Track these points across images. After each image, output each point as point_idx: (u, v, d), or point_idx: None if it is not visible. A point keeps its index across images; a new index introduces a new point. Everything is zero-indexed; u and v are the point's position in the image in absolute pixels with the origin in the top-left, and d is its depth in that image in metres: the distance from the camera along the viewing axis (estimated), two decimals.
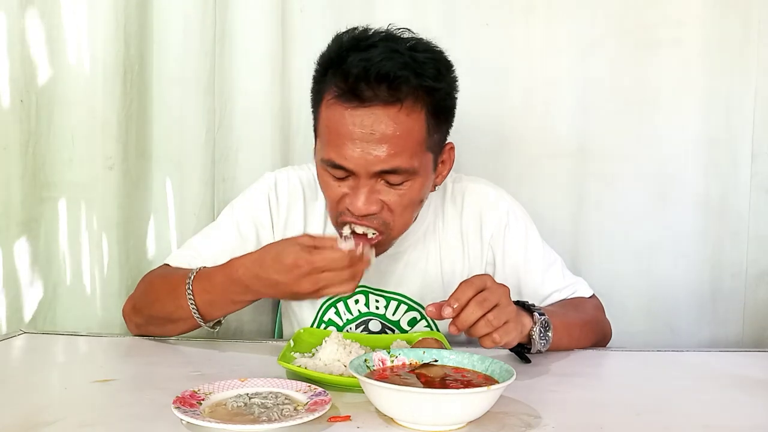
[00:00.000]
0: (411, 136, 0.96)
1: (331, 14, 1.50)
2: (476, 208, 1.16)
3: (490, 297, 0.88)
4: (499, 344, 0.90)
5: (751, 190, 1.53)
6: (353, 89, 0.93)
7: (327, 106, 0.99)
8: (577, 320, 1.10)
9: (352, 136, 0.94)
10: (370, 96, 0.93)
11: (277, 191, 1.16)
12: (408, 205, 1.01)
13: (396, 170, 0.96)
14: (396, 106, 0.94)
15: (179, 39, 1.46)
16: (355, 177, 0.98)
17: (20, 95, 1.36)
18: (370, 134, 0.94)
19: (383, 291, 1.15)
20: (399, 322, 1.16)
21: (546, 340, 0.99)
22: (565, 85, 1.53)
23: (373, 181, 0.97)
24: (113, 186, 1.42)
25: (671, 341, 1.53)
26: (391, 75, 0.92)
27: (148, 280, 1.14)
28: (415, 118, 0.96)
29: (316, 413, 0.72)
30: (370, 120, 0.94)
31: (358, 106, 0.94)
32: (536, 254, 1.17)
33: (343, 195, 1.00)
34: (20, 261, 1.38)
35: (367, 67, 0.92)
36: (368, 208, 0.97)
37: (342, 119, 0.95)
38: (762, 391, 0.91)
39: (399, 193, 0.99)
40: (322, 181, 1.04)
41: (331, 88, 0.98)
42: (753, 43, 1.50)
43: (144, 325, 1.11)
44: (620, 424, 0.76)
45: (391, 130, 0.94)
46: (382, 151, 0.94)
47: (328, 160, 0.98)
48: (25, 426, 0.72)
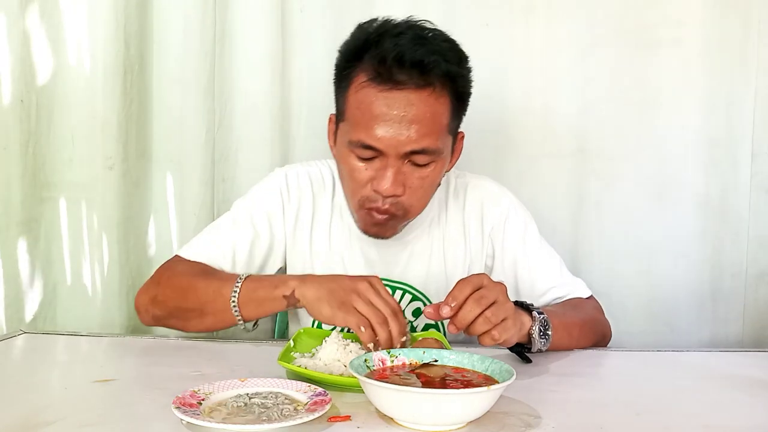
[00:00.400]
0: (438, 119, 1.00)
1: (331, 14, 1.50)
2: (478, 203, 1.19)
3: (487, 294, 0.89)
4: (498, 341, 0.90)
5: (751, 190, 1.53)
6: (388, 73, 0.97)
7: (357, 89, 1.01)
8: (576, 320, 1.10)
9: (384, 118, 0.98)
10: (403, 79, 0.97)
11: (288, 185, 1.18)
12: (429, 187, 1.06)
13: (424, 150, 1.00)
14: (427, 89, 0.98)
15: (179, 39, 1.46)
16: (382, 159, 1.01)
17: (20, 95, 1.36)
18: (402, 116, 0.97)
19: (389, 280, 1.16)
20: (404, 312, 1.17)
21: (546, 339, 0.99)
22: (565, 85, 1.53)
23: (400, 162, 1.01)
24: (113, 186, 1.42)
25: (671, 341, 1.53)
26: (425, 61, 0.97)
27: (175, 273, 1.12)
28: (442, 101, 1.00)
29: (316, 413, 0.72)
30: (403, 102, 0.97)
31: (391, 89, 0.97)
32: (534, 249, 1.19)
33: (369, 178, 1.03)
34: (20, 261, 1.38)
35: (402, 52, 0.96)
36: (395, 189, 1.01)
37: (375, 101, 0.98)
38: (762, 391, 0.91)
39: (422, 175, 1.03)
40: (347, 166, 1.05)
41: (362, 72, 1.00)
42: (753, 43, 1.50)
43: (164, 317, 1.10)
44: (620, 424, 0.76)
45: (421, 111, 0.98)
46: (413, 131, 0.98)
47: (358, 141, 1.00)
48: (25, 426, 0.72)
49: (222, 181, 1.51)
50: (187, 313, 1.07)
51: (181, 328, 1.11)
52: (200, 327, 1.09)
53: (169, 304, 1.09)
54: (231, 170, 1.52)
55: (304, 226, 1.18)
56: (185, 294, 1.07)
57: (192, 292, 1.06)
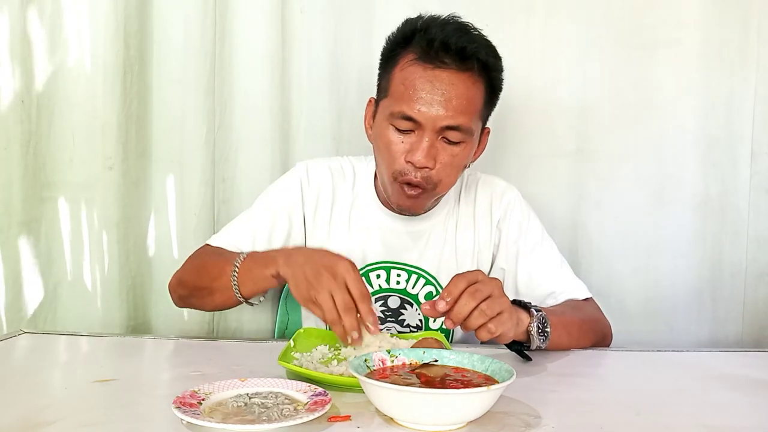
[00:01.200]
0: (473, 101, 1.09)
1: (331, 14, 1.50)
2: (487, 196, 1.27)
3: (482, 288, 0.91)
4: (495, 334, 0.91)
5: (750, 190, 1.53)
6: (435, 54, 1.06)
7: (404, 67, 1.09)
8: (575, 319, 1.11)
9: (427, 93, 1.07)
10: (447, 62, 1.06)
11: (309, 175, 1.25)
12: (457, 166, 1.12)
13: (459, 127, 1.08)
14: (466, 73, 1.08)
15: (179, 39, 1.46)
16: (419, 132, 1.08)
17: (21, 95, 1.36)
18: (443, 93, 1.06)
19: (405, 264, 1.23)
20: (417, 296, 1.23)
21: (545, 336, 1.00)
22: (565, 85, 1.53)
23: (434, 136, 1.08)
24: (113, 186, 1.42)
25: (670, 341, 1.53)
26: (468, 48, 1.07)
27: (197, 255, 1.21)
28: (478, 86, 1.10)
29: (316, 413, 0.72)
30: (445, 81, 1.07)
31: (435, 68, 1.07)
32: (535, 243, 1.24)
33: (404, 151, 1.09)
34: (21, 261, 1.38)
35: (448, 37, 1.06)
36: (428, 161, 1.08)
37: (420, 78, 1.07)
38: (761, 391, 0.91)
39: (453, 153, 1.10)
40: (385, 139, 1.11)
41: (410, 53, 1.09)
42: (752, 43, 1.50)
43: (187, 297, 1.18)
44: (620, 424, 0.76)
45: (460, 91, 1.07)
46: (451, 108, 1.06)
47: (399, 112, 1.08)
48: (25, 426, 0.72)
49: (222, 181, 1.51)
50: (201, 291, 1.13)
51: (200, 306, 1.20)
52: (213, 305, 1.15)
53: (189, 284, 1.17)
54: (231, 170, 1.52)
55: (324, 213, 1.24)
56: (199, 273, 1.15)
57: (204, 271, 1.14)
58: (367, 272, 1.23)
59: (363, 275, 1.21)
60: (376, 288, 1.23)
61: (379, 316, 1.19)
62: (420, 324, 1.22)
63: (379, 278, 1.23)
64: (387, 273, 1.23)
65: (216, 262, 1.12)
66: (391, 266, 1.23)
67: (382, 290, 1.23)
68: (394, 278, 1.23)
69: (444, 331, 1.21)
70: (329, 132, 1.53)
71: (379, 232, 1.23)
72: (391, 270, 1.23)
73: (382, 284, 1.23)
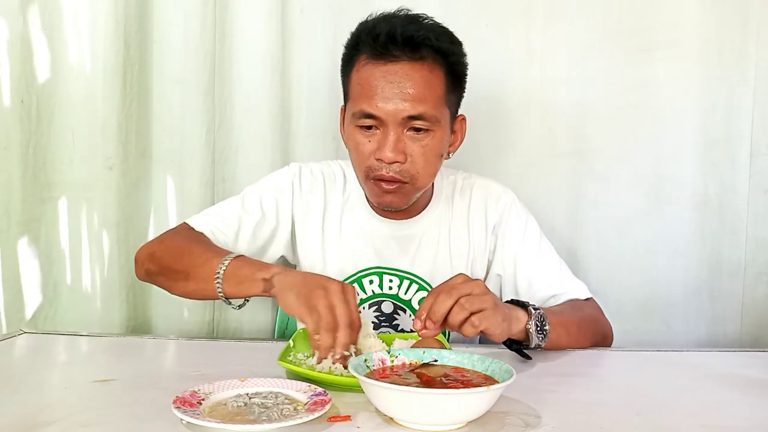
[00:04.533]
0: (433, 88, 1.08)
1: (331, 14, 1.50)
2: (482, 201, 1.25)
3: (460, 288, 0.91)
4: (479, 329, 0.90)
5: (749, 190, 1.53)
6: (383, 48, 1.06)
7: (359, 69, 1.10)
8: (574, 319, 1.11)
9: (383, 88, 1.06)
10: (398, 54, 1.06)
11: (301, 178, 1.24)
12: (429, 157, 1.10)
13: (421, 116, 1.06)
14: (420, 62, 1.06)
15: (179, 39, 1.46)
16: (384, 129, 1.08)
17: (20, 95, 1.36)
18: (398, 85, 1.06)
19: (397, 270, 1.21)
20: (410, 302, 1.21)
21: (543, 334, 0.99)
22: (564, 85, 1.53)
23: (399, 130, 1.07)
24: (113, 186, 1.42)
25: (669, 340, 1.53)
26: (415, 36, 1.05)
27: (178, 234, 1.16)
28: (436, 74, 1.08)
29: (316, 413, 0.72)
30: (398, 74, 1.06)
31: (388, 62, 1.06)
32: (533, 247, 1.23)
33: (372, 150, 1.09)
34: (20, 261, 1.38)
35: (393, 29, 1.05)
36: (396, 155, 1.07)
37: (373, 75, 1.07)
38: (760, 391, 0.91)
39: (422, 144, 1.09)
40: (353, 141, 1.11)
41: (362, 55, 1.09)
42: (751, 44, 1.50)
43: (155, 274, 1.14)
44: (620, 424, 0.76)
45: (416, 81, 1.06)
46: (409, 98, 1.06)
47: (360, 111, 1.08)
48: (25, 426, 0.72)
49: (222, 181, 1.51)
50: (175, 274, 1.09)
51: (167, 287, 1.13)
52: (183, 290, 1.10)
53: (163, 262, 1.12)
54: (231, 170, 1.52)
55: (315, 218, 1.23)
56: (180, 256, 1.10)
57: (186, 255, 1.09)
58: (360, 278, 1.21)
59: (356, 281, 1.21)
60: (369, 294, 1.21)
61: (373, 321, 1.19)
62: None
63: (372, 284, 1.21)
64: (379, 278, 1.22)
65: (202, 251, 1.08)
66: (383, 272, 1.22)
67: (375, 296, 1.22)
68: (387, 284, 1.22)
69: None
70: (329, 132, 1.53)
71: (371, 238, 1.21)
72: (383, 275, 1.22)
73: (375, 290, 1.22)
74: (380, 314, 1.22)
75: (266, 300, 1.48)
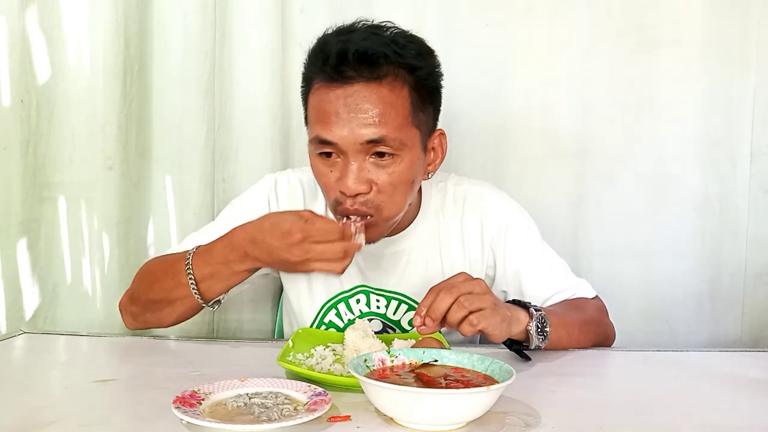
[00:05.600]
0: (395, 109, 0.98)
1: (331, 14, 1.50)
2: (477, 212, 1.17)
3: (460, 286, 0.91)
4: (477, 327, 0.90)
5: (750, 190, 1.53)
6: (334, 71, 0.96)
7: (314, 92, 1.01)
8: (576, 320, 1.09)
9: (337, 113, 0.97)
10: (352, 75, 0.96)
11: (277, 192, 1.17)
12: (398, 185, 1.01)
13: (382, 139, 0.97)
14: (377, 82, 0.97)
15: (179, 39, 1.46)
16: (344, 157, 0.99)
17: (20, 95, 1.36)
18: (355, 108, 0.96)
19: (384, 290, 1.16)
20: (399, 322, 1.17)
21: (544, 335, 0.99)
22: (565, 85, 1.53)
23: (361, 158, 0.98)
24: (113, 186, 1.42)
25: (670, 340, 1.53)
26: (370, 52, 0.95)
27: (145, 268, 1.14)
28: (397, 93, 0.98)
29: (316, 413, 0.72)
30: (353, 97, 0.96)
31: (341, 85, 0.97)
32: (536, 256, 1.17)
33: (335, 180, 1.00)
34: (20, 261, 1.38)
35: (346, 48, 0.96)
36: (358, 187, 0.98)
37: (327, 98, 0.98)
38: (761, 391, 0.91)
39: (388, 172, 0.99)
40: (316, 170, 1.04)
41: (317, 76, 1.00)
42: (752, 43, 1.50)
43: (140, 314, 1.10)
44: (620, 424, 0.76)
45: (373, 103, 0.96)
46: (367, 122, 0.96)
47: (316, 137, 1.00)
48: (25, 426, 0.72)
49: (222, 181, 1.51)
50: (157, 304, 1.07)
51: (157, 323, 1.10)
52: (173, 317, 1.07)
53: (141, 298, 1.09)
54: (231, 170, 1.52)
55: None
56: (151, 285, 1.08)
57: (156, 281, 1.07)
58: (346, 298, 1.16)
59: (342, 300, 1.16)
60: (357, 313, 1.16)
61: None
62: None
63: (359, 303, 1.16)
64: (367, 297, 1.16)
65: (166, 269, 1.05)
66: (370, 291, 1.16)
67: (363, 314, 1.16)
68: (374, 303, 1.16)
69: None
70: None
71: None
72: (370, 294, 1.16)
73: (362, 309, 1.16)
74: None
75: (266, 300, 1.48)
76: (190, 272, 1.00)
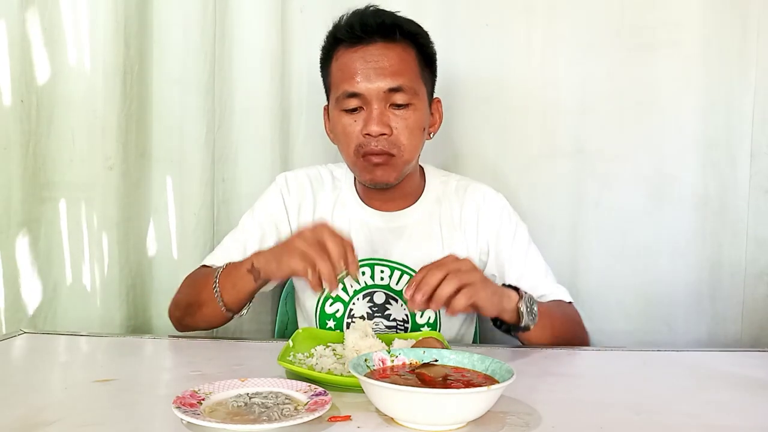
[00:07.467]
0: (408, 64, 1.16)
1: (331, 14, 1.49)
2: (475, 203, 1.28)
3: (449, 264, 0.97)
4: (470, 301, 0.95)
5: (750, 190, 1.52)
6: (359, 34, 1.14)
7: (337, 58, 1.17)
8: (558, 314, 1.16)
9: (362, 68, 1.14)
10: (372, 38, 1.14)
11: (288, 185, 1.29)
12: (413, 129, 1.17)
13: (400, 87, 1.14)
14: (392, 44, 1.15)
15: (179, 39, 1.46)
16: (367, 107, 1.15)
17: (20, 95, 1.36)
18: (376, 62, 1.13)
19: (388, 261, 1.24)
20: (401, 292, 1.23)
21: (533, 315, 1.05)
22: (565, 85, 1.53)
23: (382, 105, 1.14)
24: (113, 186, 1.42)
25: (670, 341, 1.53)
26: (386, 22, 1.15)
27: (189, 276, 1.24)
28: (408, 52, 1.17)
29: (316, 413, 0.72)
30: (375, 54, 1.14)
31: (363, 46, 1.14)
32: (522, 251, 1.27)
33: (359, 130, 1.15)
34: (20, 261, 1.38)
35: (366, 19, 1.14)
36: (382, 127, 1.13)
37: (352, 59, 1.15)
38: (761, 391, 0.91)
39: (404, 117, 1.15)
40: (340, 126, 1.17)
41: (338, 47, 1.17)
42: (752, 43, 1.50)
43: (182, 317, 1.19)
44: (620, 424, 0.76)
45: (391, 58, 1.14)
46: (388, 73, 1.13)
47: (344, 92, 1.15)
48: (25, 426, 0.72)
49: (222, 181, 1.51)
50: (192, 308, 1.15)
51: (193, 324, 1.18)
52: (203, 320, 1.15)
53: (181, 303, 1.19)
54: (231, 170, 1.52)
55: (307, 217, 1.27)
56: (188, 291, 1.19)
57: (192, 287, 1.18)
58: None
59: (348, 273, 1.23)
60: (361, 285, 1.24)
61: (366, 311, 1.23)
62: (406, 318, 1.23)
63: (364, 275, 1.24)
64: (371, 270, 1.24)
65: (202, 276, 1.16)
66: (375, 263, 1.24)
67: (367, 287, 1.24)
68: (378, 275, 1.24)
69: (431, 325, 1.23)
70: None
71: (362, 230, 1.25)
72: (375, 267, 1.24)
73: (367, 281, 1.24)
74: (372, 305, 1.24)
75: (266, 300, 1.48)
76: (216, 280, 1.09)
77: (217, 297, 1.09)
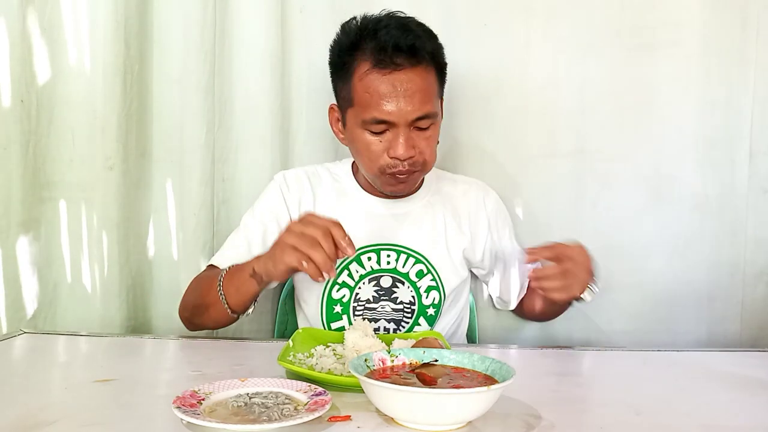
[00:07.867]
0: (431, 87, 1.20)
1: (331, 14, 1.50)
2: (473, 195, 1.38)
3: (576, 257, 1.12)
4: (564, 299, 1.13)
5: (749, 190, 1.53)
6: (389, 59, 1.15)
7: (362, 77, 1.17)
8: None
9: (391, 95, 1.16)
10: (401, 62, 1.16)
11: (287, 182, 1.33)
12: (433, 144, 1.23)
13: (426, 115, 1.18)
14: (419, 67, 1.17)
15: (179, 39, 1.46)
16: (393, 130, 1.18)
17: (20, 95, 1.36)
18: (405, 90, 1.16)
19: (395, 245, 1.29)
20: (408, 274, 1.28)
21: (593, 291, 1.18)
22: (564, 85, 1.53)
23: (407, 129, 1.18)
24: (113, 186, 1.42)
25: (669, 341, 1.53)
26: (416, 44, 1.16)
27: (196, 277, 1.28)
28: (430, 72, 1.20)
29: (316, 413, 0.72)
30: (404, 80, 1.16)
31: (393, 71, 1.16)
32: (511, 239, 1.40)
33: (384, 149, 1.19)
34: (20, 261, 1.38)
35: (397, 40, 1.15)
36: (409, 152, 1.18)
37: (381, 83, 1.16)
38: (760, 391, 0.91)
39: (426, 136, 1.20)
40: (362, 142, 1.20)
41: (363, 62, 1.17)
42: (751, 44, 1.50)
43: (190, 317, 1.22)
44: (620, 424, 0.77)
45: (418, 85, 1.17)
46: (416, 102, 1.16)
47: (372, 119, 1.17)
48: (25, 426, 0.72)
49: (222, 181, 1.51)
50: (199, 309, 1.18)
51: (201, 324, 1.22)
52: (210, 320, 1.18)
53: (189, 304, 1.22)
54: (231, 170, 1.52)
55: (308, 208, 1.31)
56: (195, 293, 1.21)
57: (198, 289, 1.21)
58: (359, 255, 1.27)
59: (355, 259, 1.28)
60: (368, 269, 1.28)
61: (372, 295, 1.26)
62: (413, 300, 1.26)
63: (370, 260, 1.28)
64: (377, 255, 1.28)
65: (208, 278, 1.19)
66: (380, 248, 1.28)
67: (374, 271, 1.27)
68: (384, 258, 1.28)
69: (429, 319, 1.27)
70: (329, 132, 1.52)
71: (365, 217, 1.30)
72: (380, 251, 1.28)
73: (373, 266, 1.27)
74: (379, 288, 1.27)
75: (266, 300, 1.48)
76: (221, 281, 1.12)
77: (222, 300, 1.11)
